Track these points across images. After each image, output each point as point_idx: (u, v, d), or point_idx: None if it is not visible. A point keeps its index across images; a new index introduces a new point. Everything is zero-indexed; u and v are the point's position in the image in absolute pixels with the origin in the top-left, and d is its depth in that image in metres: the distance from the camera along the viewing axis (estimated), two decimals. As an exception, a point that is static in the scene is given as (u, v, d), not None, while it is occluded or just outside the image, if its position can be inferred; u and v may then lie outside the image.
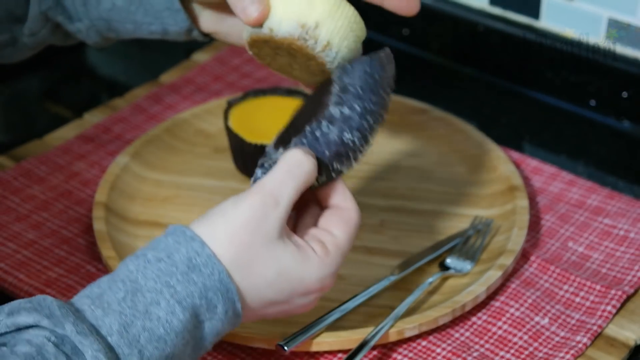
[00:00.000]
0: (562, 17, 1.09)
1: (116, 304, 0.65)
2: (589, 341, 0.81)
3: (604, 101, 1.08)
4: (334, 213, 0.75)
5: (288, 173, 0.71)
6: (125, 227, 0.90)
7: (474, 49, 1.15)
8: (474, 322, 0.83)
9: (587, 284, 0.86)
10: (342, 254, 0.74)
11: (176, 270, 0.67)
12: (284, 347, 0.76)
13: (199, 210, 0.93)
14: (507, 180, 0.95)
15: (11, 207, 0.93)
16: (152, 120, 1.05)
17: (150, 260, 0.68)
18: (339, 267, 0.74)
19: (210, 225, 0.70)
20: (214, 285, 0.68)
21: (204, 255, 0.68)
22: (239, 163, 0.97)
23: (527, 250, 0.89)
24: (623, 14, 1.04)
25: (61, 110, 1.08)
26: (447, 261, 0.87)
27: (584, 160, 1.03)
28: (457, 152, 1.00)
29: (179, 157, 1.00)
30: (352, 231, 0.74)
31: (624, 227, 0.92)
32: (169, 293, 0.66)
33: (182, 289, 0.67)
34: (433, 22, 1.17)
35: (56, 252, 0.89)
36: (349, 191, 0.75)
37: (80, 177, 0.97)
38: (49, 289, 0.84)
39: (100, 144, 1.02)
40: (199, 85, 1.11)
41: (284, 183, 0.71)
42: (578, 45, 1.08)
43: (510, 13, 1.12)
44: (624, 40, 1.05)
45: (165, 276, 0.67)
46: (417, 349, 0.80)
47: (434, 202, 0.94)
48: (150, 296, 0.66)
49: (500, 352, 0.80)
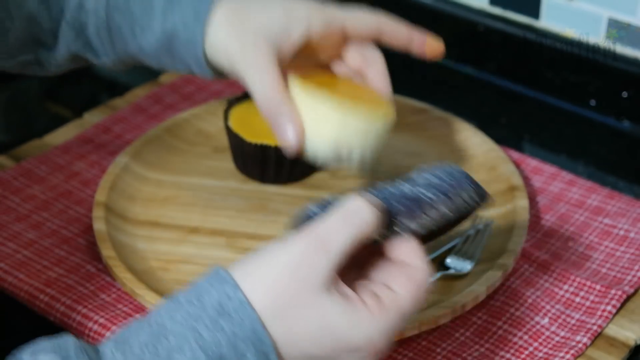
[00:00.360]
0: (562, 17, 1.09)
1: (137, 347, 0.61)
2: (589, 341, 0.81)
3: (604, 101, 1.08)
4: (398, 269, 0.66)
5: (344, 219, 0.64)
6: (125, 227, 0.90)
7: (474, 49, 1.15)
8: (474, 321, 0.83)
9: (587, 284, 0.86)
10: (401, 315, 0.64)
11: (204, 314, 0.61)
12: (284, 346, 0.76)
13: (199, 210, 0.93)
14: (507, 180, 0.95)
15: (11, 207, 0.93)
16: (152, 120, 1.05)
17: (181, 302, 0.62)
18: (395, 329, 0.64)
19: (248, 267, 0.63)
20: (245, 335, 0.60)
21: (236, 300, 0.61)
22: (239, 163, 0.97)
23: (527, 250, 0.89)
24: (623, 14, 1.04)
25: (61, 110, 1.08)
26: (447, 261, 0.87)
27: (584, 160, 1.03)
28: (457, 152, 1.00)
29: (179, 157, 1.00)
30: (417, 292, 0.65)
31: (624, 227, 0.92)
32: (194, 339, 0.60)
33: (209, 335, 0.60)
34: (433, 22, 1.17)
35: (56, 252, 0.89)
36: (421, 249, 0.67)
37: (80, 177, 0.97)
38: (49, 289, 0.84)
39: (100, 144, 1.02)
40: (199, 85, 1.11)
41: (338, 230, 0.63)
42: (578, 45, 1.08)
43: (510, 13, 1.12)
44: (624, 40, 1.05)
45: (193, 320, 0.61)
46: (417, 349, 0.80)
47: (434, 202, 0.94)
48: (174, 341, 0.60)
49: (500, 351, 0.80)
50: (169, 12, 0.82)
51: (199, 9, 0.82)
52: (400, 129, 1.03)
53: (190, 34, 0.82)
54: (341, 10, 0.82)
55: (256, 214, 0.93)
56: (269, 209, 0.93)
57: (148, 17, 0.83)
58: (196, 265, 0.87)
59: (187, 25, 0.82)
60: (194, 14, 0.82)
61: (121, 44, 0.85)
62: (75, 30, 0.85)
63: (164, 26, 0.83)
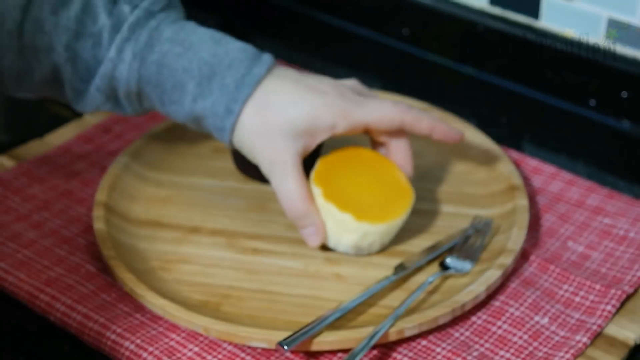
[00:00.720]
0: (562, 17, 1.09)
1: None
2: (588, 340, 0.81)
3: (603, 101, 1.08)
4: None
5: None
6: (125, 227, 0.90)
7: (474, 49, 1.15)
8: (474, 321, 0.83)
9: (586, 284, 0.86)
10: None
11: None
12: (284, 346, 0.77)
13: (199, 210, 0.93)
14: (507, 179, 0.95)
15: (12, 207, 0.93)
16: (152, 120, 1.05)
17: None
18: None
19: None
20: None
21: None
22: (239, 163, 0.97)
23: (526, 250, 0.89)
24: (623, 14, 1.04)
25: (61, 110, 1.07)
26: (447, 261, 0.87)
27: (584, 159, 1.03)
28: (457, 152, 1.00)
29: (179, 157, 1.00)
30: None
31: (623, 227, 0.92)
32: None
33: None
34: (433, 22, 1.17)
35: (56, 251, 0.89)
36: None
37: (81, 177, 0.97)
38: (49, 288, 0.84)
39: (101, 143, 1.02)
40: (199, 85, 1.11)
41: None
42: (578, 45, 1.08)
43: (510, 13, 1.12)
44: (623, 40, 1.05)
45: None
46: (417, 349, 0.80)
47: (433, 202, 0.95)
48: None
49: (500, 351, 0.80)
50: (199, 98, 0.85)
51: (230, 105, 0.84)
52: (400, 129, 1.03)
53: (219, 123, 0.85)
54: (364, 108, 0.86)
55: (256, 214, 0.93)
56: (269, 209, 0.94)
57: (178, 95, 0.85)
58: (196, 265, 0.87)
59: (217, 115, 0.85)
60: (225, 108, 0.84)
61: (149, 106, 0.88)
62: (106, 95, 0.87)
63: (193, 108, 0.85)
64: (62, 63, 0.85)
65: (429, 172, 0.98)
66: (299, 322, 0.80)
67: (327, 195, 0.86)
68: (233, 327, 0.79)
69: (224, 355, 0.80)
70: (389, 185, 0.88)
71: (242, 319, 0.81)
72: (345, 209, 0.85)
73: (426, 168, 0.99)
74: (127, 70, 0.85)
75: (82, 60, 0.85)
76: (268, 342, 0.78)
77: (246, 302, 0.84)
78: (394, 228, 0.87)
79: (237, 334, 0.79)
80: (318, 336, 0.78)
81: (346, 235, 0.86)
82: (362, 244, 0.87)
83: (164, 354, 0.79)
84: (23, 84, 0.86)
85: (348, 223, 0.85)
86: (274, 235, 0.91)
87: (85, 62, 0.85)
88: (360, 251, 0.87)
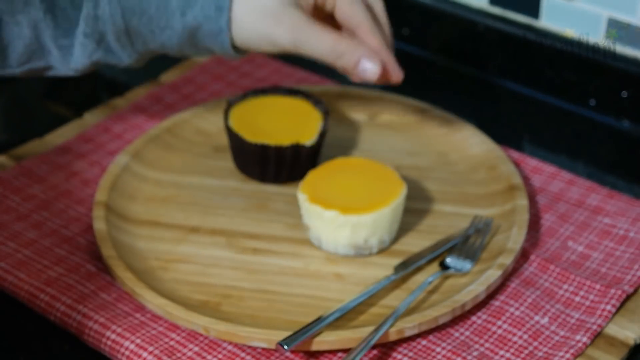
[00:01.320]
0: (562, 17, 1.09)
1: None
2: (588, 340, 0.81)
3: (603, 100, 1.08)
4: None
5: None
6: (125, 227, 0.90)
7: (474, 48, 1.15)
8: (474, 321, 0.83)
9: (586, 283, 0.86)
10: None
11: None
12: (284, 346, 0.77)
13: (199, 209, 0.93)
14: (507, 179, 0.95)
15: (11, 207, 0.93)
16: (152, 120, 1.05)
17: None
18: None
19: None
20: None
21: None
22: (239, 162, 0.97)
23: (526, 250, 0.89)
24: (623, 14, 1.04)
25: (61, 110, 1.08)
26: (447, 260, 0.87)
27: (584, 159, 1.03)
28: (457, 152, 1.00)
29: (179, 157, 1.00)
30: None
31: (623, 227, 0.92)
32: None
33: None
34: (433, 21, 1.17)
35: (56, 251, 0.89)
36: None
37: (81, 177, 0.97)
38: (49, 288, 0.84)
39: (100, 143, 1.02)
40: (199, 84, 1.11)
41: None
42: (578, 45, 1.08)
43: (510, 13, 1.12)
44: (623, 40, 1.05)
45: None
46: (417, 348, 0.80)
47: (433, 202, 0.95)
48: None
49: (500, 351, 0.80)
50: (187, 8, 0.85)
51: (219, 2, 0.84)
52: (400, 129, 1.03)
53: (214, 26, 0.85)
54: None
55: (256, 214, 0.93)
56: (269, 209, 0.94)
57: (166, 16, 0.85)
58: (196, 264, 0.87)
59: (209, 18, 0.85)
60: (215, 6, 0.84)
61: (141, 44, 0.87)
62: (95, 40, 0.87)
63: (184, 22, 0.85)
64: (42, 17, 0.85)
65: (429, 171, 0.98)
66: (299, 322, 0.80)
67: (312, 199, 0.87)
68: (233, 327, 0.79)
69: (224, 355, 0.80)
70: (378, 183, 0.89)
71: (242, 318, 0.81)
72: (330, 207, 0.86)
73: (426, 168, 0.99)
74: (108, 5, 0.85)
75: (60, 10, 0.85)
76: (268, 342, 0.78)
77: (246, 302, 0.84)
78: (384, 218, 0.86)
79: (237, 334, 0.79)
80: (318, 336, 0.78)
81: (338, 232, 0.86)
82: (358, 241, 0.86)
83: (164, 354, 0.79)
84: (7, 57, 0.86)
85: (336, 219, 0.85)
86: (274, 235, 0.91)
87: (64, 11, 0.85)
88: (359, 250, 0.87)
